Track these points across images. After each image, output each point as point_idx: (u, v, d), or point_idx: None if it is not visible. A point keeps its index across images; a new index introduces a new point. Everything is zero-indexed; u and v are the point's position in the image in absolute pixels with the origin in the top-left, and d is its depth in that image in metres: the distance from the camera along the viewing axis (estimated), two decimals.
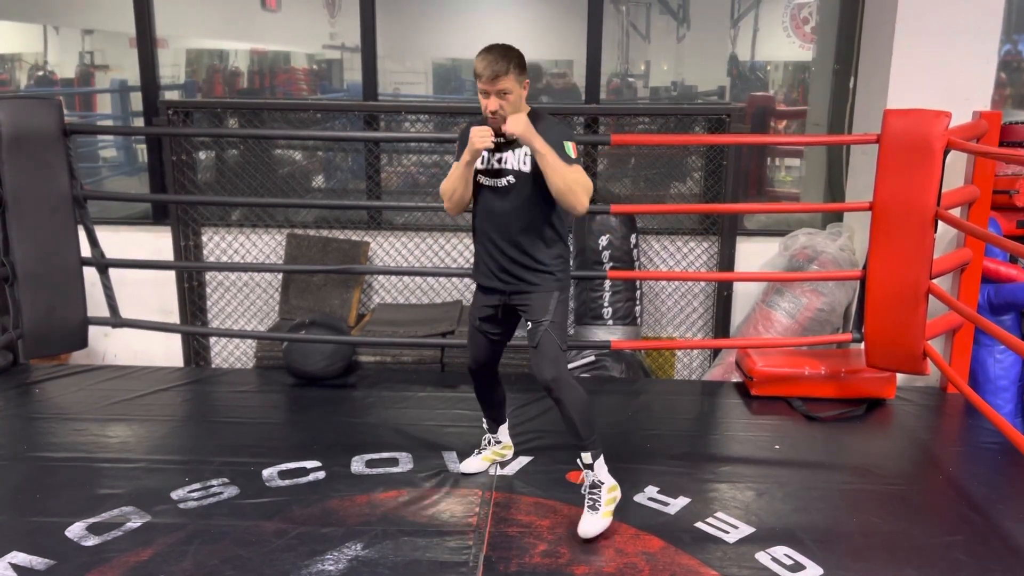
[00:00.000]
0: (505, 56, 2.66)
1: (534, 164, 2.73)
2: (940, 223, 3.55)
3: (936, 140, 3.43)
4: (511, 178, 2.79)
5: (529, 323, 2.85)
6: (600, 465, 2.85)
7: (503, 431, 3.34)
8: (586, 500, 2.84)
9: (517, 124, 2.65)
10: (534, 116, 2.76)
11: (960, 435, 3.82)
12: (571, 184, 2.65)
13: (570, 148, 2.72)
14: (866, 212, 3.73)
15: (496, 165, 2.80)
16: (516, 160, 2.78)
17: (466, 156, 2.74)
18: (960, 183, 3.94)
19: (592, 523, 2.79)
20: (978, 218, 3.90)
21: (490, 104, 2.68)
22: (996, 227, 4.10)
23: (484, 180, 2.84)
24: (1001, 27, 4.04)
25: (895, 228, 3.58)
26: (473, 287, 4.87)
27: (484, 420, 3.32)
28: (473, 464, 3.27)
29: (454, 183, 2.83)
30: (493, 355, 3.08)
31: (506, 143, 2.77)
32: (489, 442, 3.33)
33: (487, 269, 2.90)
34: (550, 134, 2.70)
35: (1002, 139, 3.99)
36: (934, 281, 3.60)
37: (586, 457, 2.83)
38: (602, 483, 2.85)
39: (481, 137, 2.69)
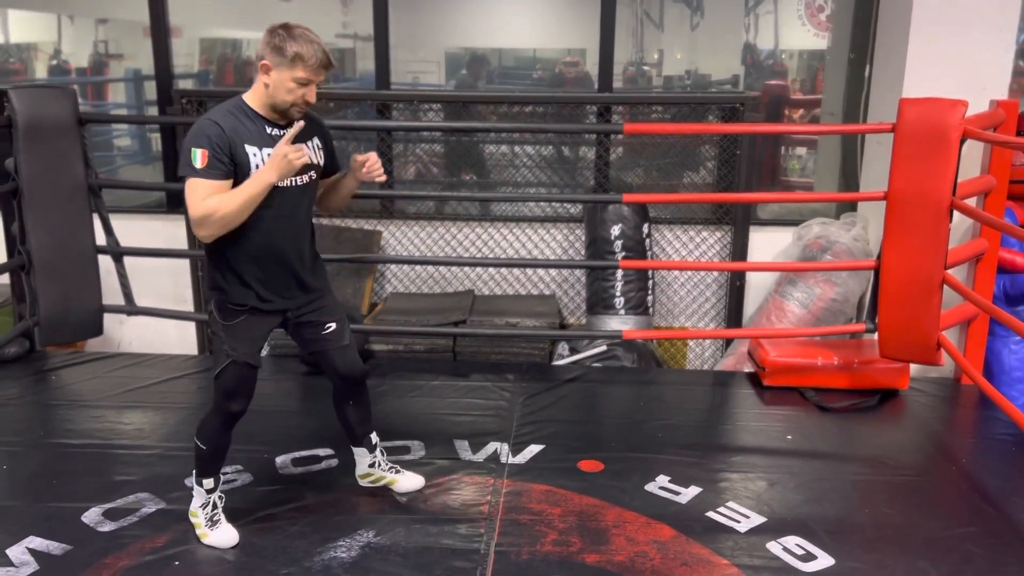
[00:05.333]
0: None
1: (325, 155, 2.65)
2: (955, 213, 3.52)
3: (952, 129, 3.40)
4: (313, 174, 2.58)
5: (332, 325, 2.71)
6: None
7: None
8: (391, 468, 3.00)
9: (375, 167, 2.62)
10: (307, 114, 2.56)
11: (974, 426, 3.80)
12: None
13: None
14: (881, 202, 3.70)
15: None
16: (312, 152, 2.57)
17: (272, 175, 2.38)
18: (976, 172, 3.90)
19: (415, 480, 3.01)
20: (994, 208, 3.87)
21: (310, 95, 2.44)
22: (1012, 217, 4.07)
23: (283, 181, 2.47)
24: (1019, 15, 3.99)
25: (910, 218, 3.56)
26: (485, 278, 4.88)
27: (213, 480, 2.74)
28: None
29: (247, 205, 2.38)
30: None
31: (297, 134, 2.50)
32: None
33: (276, 289, 2.58)
34: (328, 139, 2.69)
35: (1019, 128, 3.95)
36: (949, 271, 3.58)
37: (373, 437, 2.96)
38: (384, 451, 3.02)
39: (300, 156, 2.40)
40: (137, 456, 3.29)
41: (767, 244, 4.72)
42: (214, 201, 2.37)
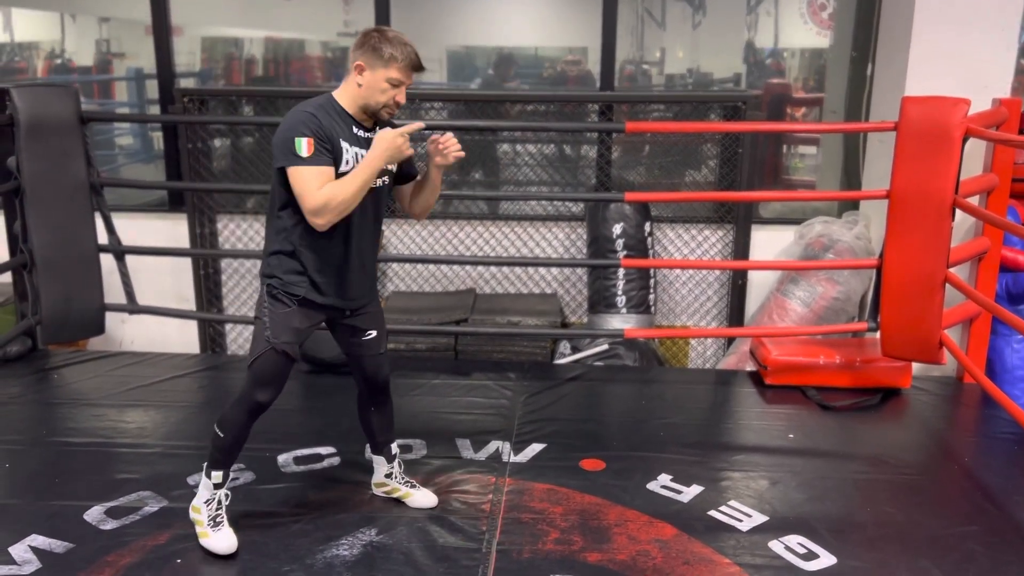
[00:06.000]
0: None
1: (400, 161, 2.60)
2: (958, 211, 3.52)
3: (954, 127, 3.39)
4: (387, 178, 2.59)
5: (373, 332, 2.73)
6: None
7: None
8: (406, 482, 2.96)
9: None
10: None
11: (976, 425, 3.80)
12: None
13: None
14: (883, 200, 3.70)
15: None
16: None
17: (380, 161, 2.42)
18: (978, 171, 3.90)
19: (429, 497, 2.94)
20: (996, 206, 3.86)
21: (401, 96, 2.47)
22: (1015, 215, 4.06)
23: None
24: (1021, 13, 3.98)
25: (912, 216, 3.55)
26: (487, 276, 4.88)
27: (223, 474, 2.67)
28: None
29: (361, 190, 2.41)
30: None
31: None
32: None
33: (333, 287, 2.56)
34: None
35: (1022, 126, 3.94)
36: (951, 270, 3.58)
37: (394, 447, 2.95)
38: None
39: (407, 144, 2.45)
40: (139, 454, 3.29)
41: (769, 243, 4.71)
42: (328, 190, 2.38)
